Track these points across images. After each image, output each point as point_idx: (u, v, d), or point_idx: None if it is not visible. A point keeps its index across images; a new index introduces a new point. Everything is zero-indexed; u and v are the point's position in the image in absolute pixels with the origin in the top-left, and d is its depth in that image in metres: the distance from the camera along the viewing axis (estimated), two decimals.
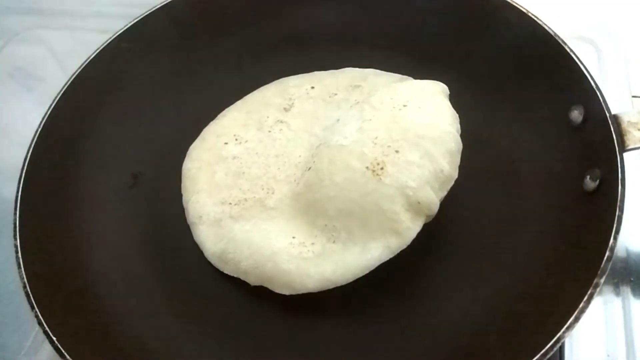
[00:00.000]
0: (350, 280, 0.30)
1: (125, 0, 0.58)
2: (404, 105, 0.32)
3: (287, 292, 0.31)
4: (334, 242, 0.30)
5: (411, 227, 0.30)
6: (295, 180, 0.34)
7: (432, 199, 0.30)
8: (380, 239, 0.30)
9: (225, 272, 0.33)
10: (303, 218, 0.32)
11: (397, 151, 0.30)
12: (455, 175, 0.31)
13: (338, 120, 0.34)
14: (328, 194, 0.31)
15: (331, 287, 0.30)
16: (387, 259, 0.30)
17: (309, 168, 0.32)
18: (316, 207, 0.31)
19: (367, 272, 0.30)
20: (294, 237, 0.31)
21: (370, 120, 0.32)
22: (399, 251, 0.30)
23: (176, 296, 0.33)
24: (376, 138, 0.31)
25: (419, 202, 0.30)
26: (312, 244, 0.31)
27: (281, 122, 0.37)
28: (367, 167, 0.30)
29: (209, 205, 0.35)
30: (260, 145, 0.37)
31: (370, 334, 0.31)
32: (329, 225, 0.31)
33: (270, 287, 0.31)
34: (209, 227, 0.34)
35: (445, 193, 0.31)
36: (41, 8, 0.58)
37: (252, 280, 0.32)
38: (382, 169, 0.30)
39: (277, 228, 0.32)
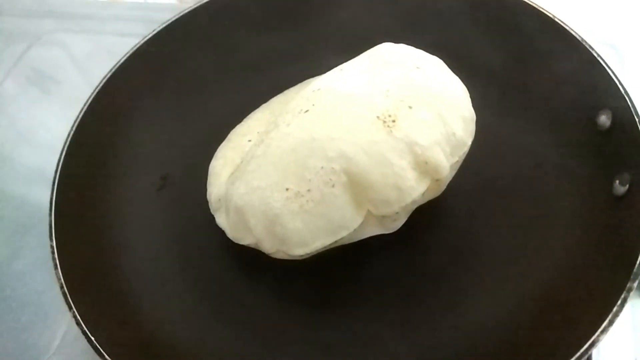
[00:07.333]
0: (360, 222, 0.29)
1: (145, 4, 0.59)
2: (417, 67, 0.31)
3: (303, 251, 0.29)
4: (332, 186, 0.28)
5: (414, 187, 0.28)
6: None
7: (441, 161, 0.29)
8: (382, 191, 0.28)
9: (244, 243, 0.32)
10: (291, 157, 0.29)
11: (410, 107, 0.29)
12: (468, 142, 0.30)
13: (341, 69, 0.33)
14: (330, 134, 0.28)
15: (345, 234, 0.29)
16: (385, 213, 0.29)
17: (306, 111, 0.30)
18: (311, 146, 0.29)
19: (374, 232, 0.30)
20: (287, 189, 0.29)
21: (381, 73, 0.31)
22: (396, 208, 0.29)
23: (206, 295, 0.34)
24: (388, 91, 0.29)
25: (426, 162, 0.28)
26: (308, 190, 0.28)
27: None
28: (377, 117, 0.28)
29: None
30: None
31: (396, 336, 0.31)
32: (326, 167, 0.28)
33: (286, 250, 0.30)
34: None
35: (457, 159, 0.30)
36: (62, 12, 0.59)
37: (268, 248, 0.30)
38: (393, 121, 0.28)
39: (268, 181, 0.29)
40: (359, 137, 0.28)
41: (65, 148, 0.36)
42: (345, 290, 0.33)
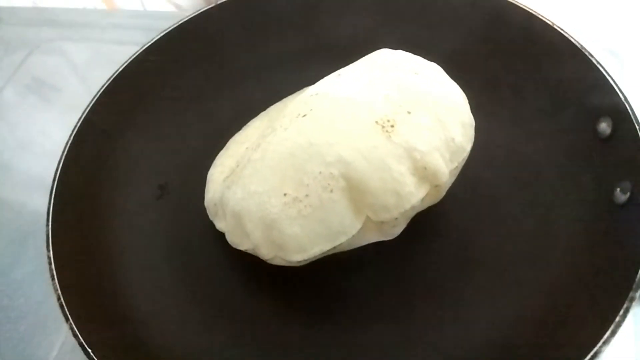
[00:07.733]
0: (359, 228, 0.28)
1: (144, 13, 0.60)
2: (416, 73, 0.31)
3: (301, 257, 0.29)
4: (331, 191, 0.28)
5: (413, 193, 0.28)
6: None
7: (440, 166, 0.28)
8: (380, 196, 0.28)
9: (242, 249, 0.32)
10: (289, 162, 0.29)
11: (409, 112, 0.28)
12: (468, 148, 0.30)
13: (339, 75, 0.32)
14: (328, 140, 0.28)
15: (343, 240, 0.28)
16: (384, 219, 0.28)
17: (304, 115, 0.30)
18: (309, 151, 0.28)
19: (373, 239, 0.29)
20: (285, 194, 0.28)
21: (380, 78, 0.30)
22: (395, 214, 0.28)
23: (205, 305, 0.33)
24: (386, 96, 0.29)
25: (425, 168, 0.28)
26: (306, 195, 0.28)
27: None
28: (376, 122, 0.28)
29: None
30: None
31: (395, 344, 0.31)
32: (324, 172, 0.28)
33: (283, 256, 0.29)
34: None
35: (456, 165, 0.30)
36: (61, 20, 0.59)
37: (266, 254, 0.30)
38: (392, 126, 0.28)
39: (266, 186, 0.29)
40: (358, 142, 0.28)
41: (63, 156, 0.35)
42: (343, 297, 0.33)
